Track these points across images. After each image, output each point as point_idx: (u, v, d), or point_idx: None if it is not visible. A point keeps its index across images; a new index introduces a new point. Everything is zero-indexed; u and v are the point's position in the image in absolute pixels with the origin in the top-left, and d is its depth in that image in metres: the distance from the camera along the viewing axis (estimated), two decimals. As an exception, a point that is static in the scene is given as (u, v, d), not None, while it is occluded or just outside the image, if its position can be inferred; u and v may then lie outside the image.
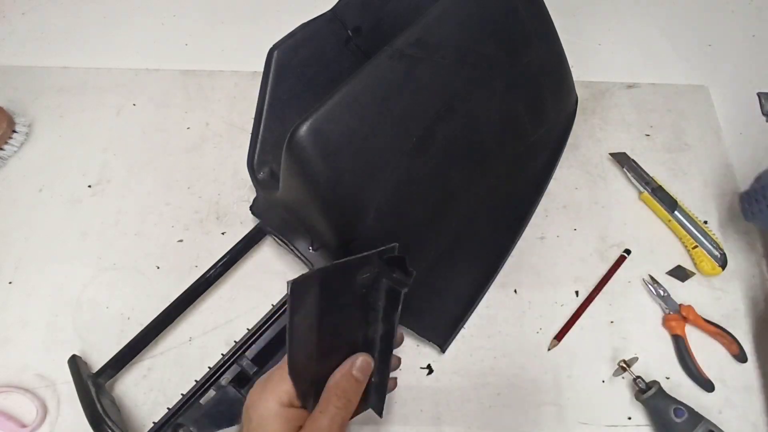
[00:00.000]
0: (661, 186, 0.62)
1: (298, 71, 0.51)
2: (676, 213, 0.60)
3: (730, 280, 0.58)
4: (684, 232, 0.59)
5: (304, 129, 0.40)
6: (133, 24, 0.77)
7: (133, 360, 0.51)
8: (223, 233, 0.60)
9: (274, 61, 0.49)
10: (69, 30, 0.76)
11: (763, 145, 0.67)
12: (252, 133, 0.52)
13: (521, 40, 0.53)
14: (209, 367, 0.49)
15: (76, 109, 0.68)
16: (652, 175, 0.63)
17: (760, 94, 0.71)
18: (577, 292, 0.57)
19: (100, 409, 0.46)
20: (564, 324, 0.55)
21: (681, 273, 0.58)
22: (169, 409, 0.47)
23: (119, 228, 0.61)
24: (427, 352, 0.54)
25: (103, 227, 0.61)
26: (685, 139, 0.67)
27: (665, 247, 0.60)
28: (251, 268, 0.58)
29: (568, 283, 0.58)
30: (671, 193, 0.61)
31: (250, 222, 0.60)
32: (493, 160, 0.55)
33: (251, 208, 0.57)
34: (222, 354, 0.50)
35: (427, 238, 0.53)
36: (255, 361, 0.48)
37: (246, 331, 0.51)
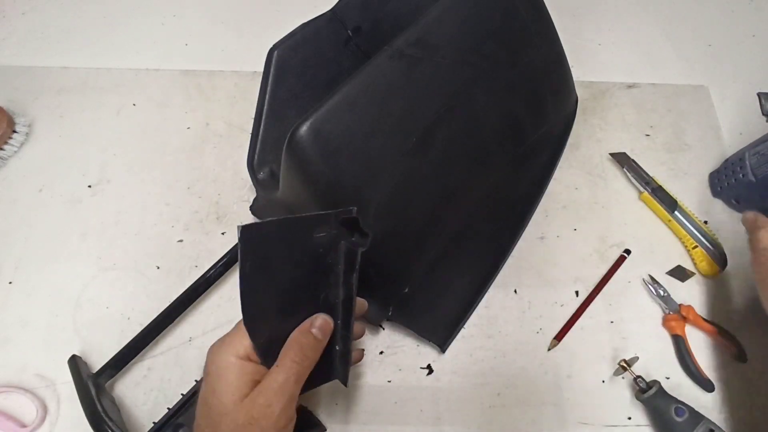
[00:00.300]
0: (661, 186, 0.62)
1: (298, 71, 0.51)
2: (676, 213, 0.60)
3: (730, 280, 0.58)
4: (684, 232, 0.59)
5: (304, 129, 0.40)
6: (133, 24, 0.77)
7: (133, 360, 0.51)
8: (223, 233, 0.60)
9: (274, 61, 0.49)
10: (69, 30, 0.76)
11: (763, 145, 0.66)
12: (252, 133, 0.52)
13: (521, 40, 0.53)
14: (209, 367, 0.49)
15: (76, 109, 0.68)
16: (652, 175, 0.63)
17: (760, 94, 0.71)
18: (577, 292, 0.57)
19: (100, 409, 0.46)
20: (564, 324, 0.55)
21: (681, 273, 0.58)
22: (169, 409, 0.48)
23: (119, 228, 0.61)
24: (427, 352, 0.54)
25: (103, 227, 0.61)
26: (685, 139, 0.67)
27: (665, 247, 0.60)
28: (251, 268, 0.58)
29: (568, 283, 0.58)
30: (671, 193, 0.61)
31: (250, 222, 0.60)
32: (493, 160, 0.55)
33: (251, 208, 0.57)
34: (222, 354, 0.50)
35: (427, 238, 0.53)
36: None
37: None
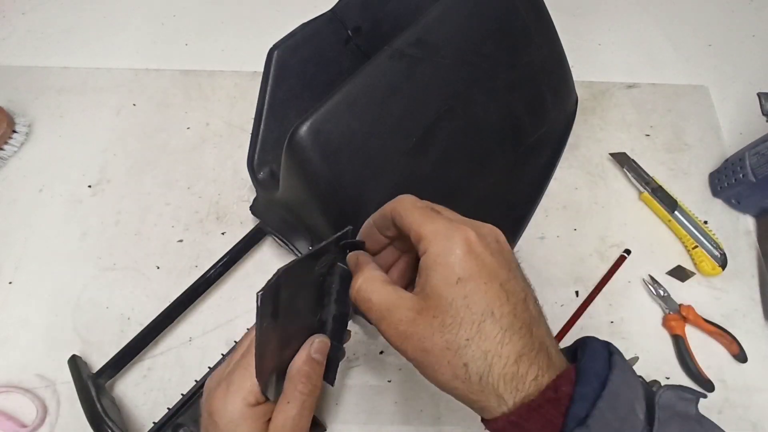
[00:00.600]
0: (661, 186, 0.62)
1: (298, 71, 0.51)
2: (676, 213, 0.60)
3: (730, 280, 0.58)
4: (684, 232, 0.59)
5: (304, 129, 0.40)
6: (133, 24, 0.77)
7: (133, 360, 0.51)
8: (223, 233, 0.60)
9: (274, 61, 0.49)
10: (69, 30, 0.76)
11: (763, 145, 0.67)
12: (252, 133, 0.52)
13: (521, 40, 0.53)
14: (209, 367, 0.49)
15: (76, 109, 0.68)
16: (652, 175, 0.63)
17: (760, 94, 0.71)
18: (577, 292, 0.57)
19: (100, 409, 0.46)
20: (564, 324, 0.55)
21: (681, 273, 0.58)
22: (169, 409, 0.48)
23: (119, 228, 0.61)
24: (427, 352, 0.54)
25: (103, 227, 0.61)
26: (685, 139, 0.67)
27: (665, 247, 0.60)
28: (251, 268, 0.59)
29: (568, 283, 0.58)
30: (671, 193, 0.61)
31: (250, 222, 0.60)
32: (493, 160, 0.55)
33: (251, 208, 0.57)
34: (222, 354, 0.50)
35: (427, 238, 0.52)
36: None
37: (246, 331, 0.51)
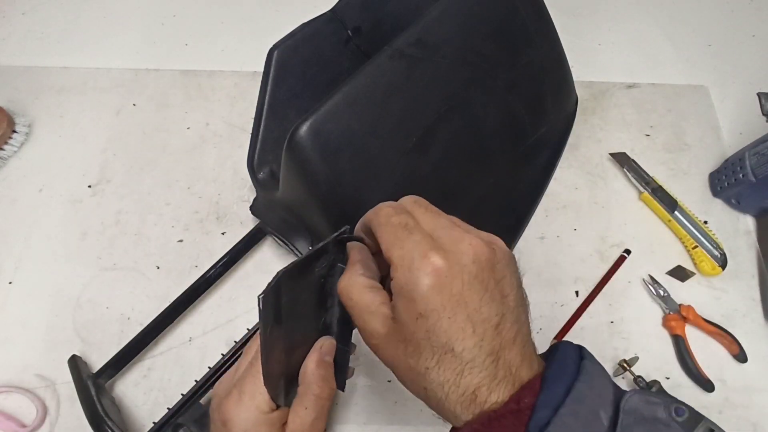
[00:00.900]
0: (661, 186, 0.62)
1: (298, 71, 0.51)
2: (676, 213, 0.60)
3: (730, 280, 0.58)
4: (684, 232, 0.59)
5: (304, 129, 0.40)
6: (133, 24, 0.77)
7: (133, 360, 0.51)
8: (223, 233, 0.60)
9: (274, 61, 0.49)
10: (69, 30, 0.76)
11: (763, 145, 0.67)
12: (252, 133, 0.52)
13: (521, 40, 0.53)
14: (209, 367, 0.49)
15: (76, 109, 0.68)
16: (652, 175, 0.63)
17: (760, 94, 0.71)
18: (577, 292, 0.57)
19: (100, 409, 0.46)
20: (564, 324, 0.55)
21: (681, 273, 0.58)
22: (169, 409, 0.47)
23: (119, 228, 0.61)
24: (427, 352, 0.54)
25: (103, 227, 0.61)
26: (685, 139, 0.67)
27: (665, 247, 0.60)
28: (251, 268, 0.58)
29: (568, 283, 0.58)
30: (671, 193, 0.61)
31: (250, 222, 0.60)
32: (493, 160, 0.55)
33: (251, 208, 0.57)
34: (222, 354, 0.50)
35: (427, 238, 0.52)
36: (255, 361, 0.48)
37: (246, 331, 0.51)
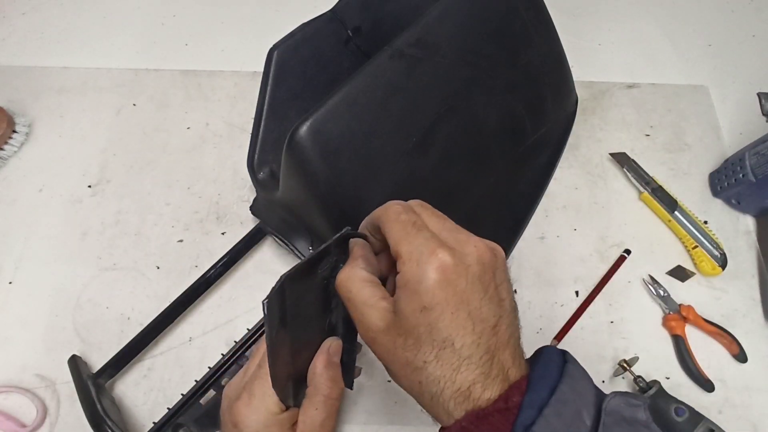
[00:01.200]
0: (661, 186, 0.62)
1: (298, 71, 0.51)
2: (676, 213, 0.60)
3: (730, 280, 0.58)
4: (684, 232, 0.59)
5: (304, 129, 0.40)
6: (133, 24, 0.77)
7: (133, 360, 0.51)
8: (223, 233, 0.60)
9: (274, 61, 0.49)
10: (69, 30, 0.76)
11: (763, 145, 0.67)
12: (252, 133, 0.52)
13: (521, 40, 0.53)
14: (209, 367, 0.49)
15: (76, 109, 0.68)
16: (652, 175, 0.63)
17: (760, 94, 0.71)
18: (577, 292, 0.57)
19: (100, 409, 0.46)
20: (564, 324, 0.55)
21: (681, 273, 0.58)
22: (169, 409, 0.48)
23: (119, 228, 0.61)
24: (427, 352, 0.54)
25: (103, 227, 0.61)
26: (685, 139, 0.67)
27: (665, 247, 0.60)
28: (251, 268, 0.58)
29: (568, 283, 0.58)
30: (671, 193, 0.61)
31: (250, 222, 0.60)
32: (493, 160, 0.55)
33: (251, 208, 0.57)
34: (222, 354, 0.50)
35: (427, 238, 0.52)
36: (255, 361, 0.48)
37: (246, 331, 0.51)
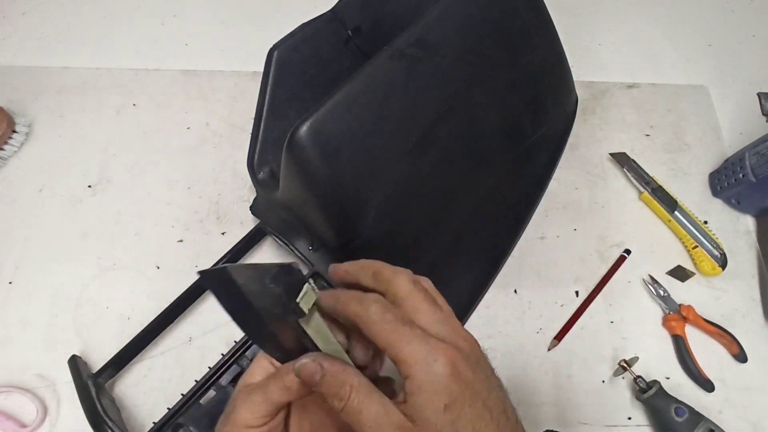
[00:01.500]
0: (661, 186, 0.62)
1: (298, 71, 0.51)
2: (676, 213, 0.60)
3: (730, 280, 0.58)
4: (684, 232, 0.59)
5: (304, 129, 0.40)
6: (133, 24, 0.77)
7: (133, 360, 0.51)
8: (223, 233, 0.60)
9: (274, 61, 0.49)
10: (69, 30, 0.76)
11: (763, 145, 0.66)
12: (252, 133, 0.52)
13: (521, 40, 0.53)
14: (209, 367, 0.49)
15: (76, 109, 0.68)
16: (652, 175, 0.63)
17: (760, 94, 0.71)
18: (577, 292, 0.57)
19: (100, 409, 0.46)
20: (564, 324, 0.55)
21: (681, 273, 0.58)
22: (169, 409, 0.47)
23: (119, 228, 0.60)
24: (427, 352, 0.54)
25: (103, 227, 0.61)
26: (685, 139, 0.67)
27: (665, 247, 0.60)
28: (251, 268, 0.58)
29: (568, 283, 0.58)
30: (671, 193, 0.61)
31: (250, 222, 0.60)
32: (493, 160, 0.55)
33: (251, 208, 0.57)
34: (222, 354, 0.50)
35: (427, 238, 0.52)
36: (255, 361, 0.48)
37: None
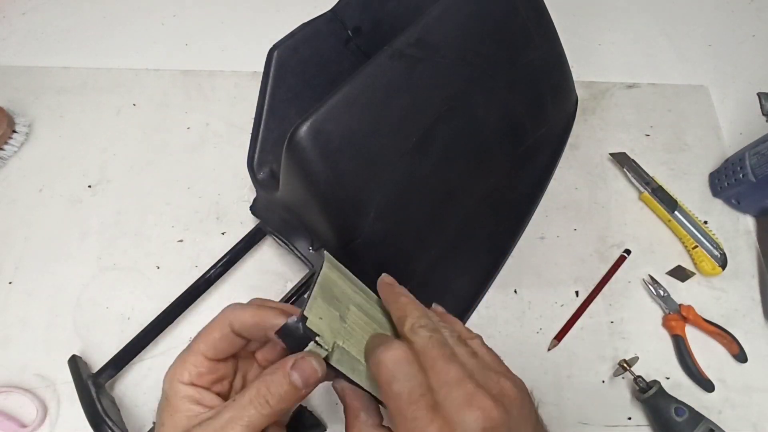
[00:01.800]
0: (661, 186, 0.62)
1: (298, 71, 0.51)
2: (676, 213, 0.60)
3: (730, 280, 0.58)
4: (684, 232, 0.59)
5: (304, 129, 0.40)
6: (133, 24, 0.77)
7: (133, 360, 0.51)
8: (223, 233, 0.60)
9: (274, 61, 0.49)
10: (69, 30, 0.76)
11: (763, 145, 0.66)
12: (252, 133, 0.52)
13: (521, 40, 0.53)
14: (209, 367, 0.49)
15: (76, 109, 0.68)
16: (652, 175, 0.63)
17: (760, 94, 0.71)
18: (577, 292, 0.57)
19: (100, 409, 0.46)
20: (564, 324, 0.55)
21: (681, 273, 0.58)
22: (169, 409, 0.47)
23: (119, 228, 0.60)
24: (427, 352, 0.54)
25: (103, 227, 0.61)
26: (685, 139, 0.67)
27: (665, 247, 0.60)
28: (251, 268, 0.58)
29: (568, 283, 0.58)
30: (671, 193, 0.61)
31: (250, 222, 0.60)
32: (493, 160, 0.55)
33: (251, 208, 0.57)
34: (222, 354, 0.50)
35: (427, 238, 0.52)
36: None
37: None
